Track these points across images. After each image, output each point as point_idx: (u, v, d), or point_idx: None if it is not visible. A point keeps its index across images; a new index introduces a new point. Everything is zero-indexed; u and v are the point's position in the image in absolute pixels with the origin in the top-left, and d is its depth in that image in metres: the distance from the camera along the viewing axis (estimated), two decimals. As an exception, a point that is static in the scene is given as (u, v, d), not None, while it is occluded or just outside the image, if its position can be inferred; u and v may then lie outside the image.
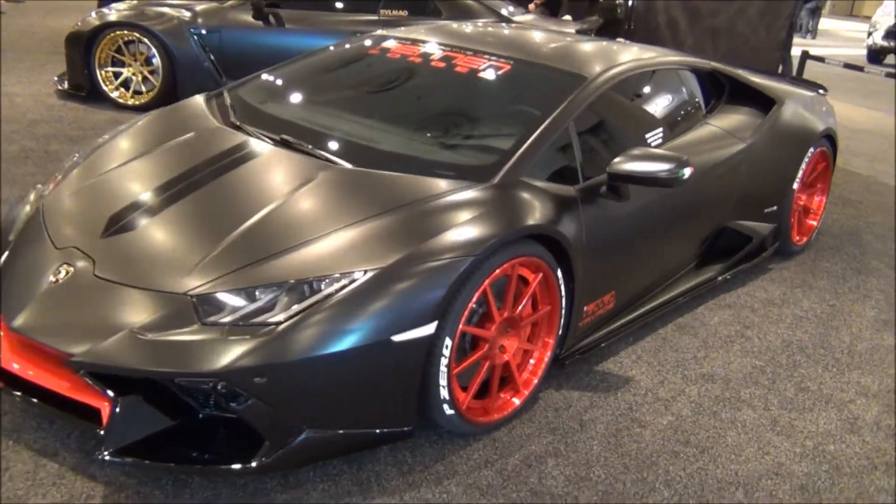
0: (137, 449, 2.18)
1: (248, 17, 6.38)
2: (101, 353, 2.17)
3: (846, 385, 3.12)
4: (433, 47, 3.40)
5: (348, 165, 2.68)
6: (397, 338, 2.21)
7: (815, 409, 2.94)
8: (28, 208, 2.89)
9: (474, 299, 2.38)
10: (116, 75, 6.54)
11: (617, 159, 2.76)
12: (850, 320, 3.70)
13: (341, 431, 2.25)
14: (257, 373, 2.08)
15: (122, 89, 6.55)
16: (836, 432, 2.80)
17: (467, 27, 4.01)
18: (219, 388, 2.10)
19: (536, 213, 2.57)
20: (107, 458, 2.14)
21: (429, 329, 2.25)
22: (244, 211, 2.49)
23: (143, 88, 6.53)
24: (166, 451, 2.20)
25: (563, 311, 2.75)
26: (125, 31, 6.39)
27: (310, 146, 2.82)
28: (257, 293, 2.22)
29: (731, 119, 3.87)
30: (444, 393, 2.38)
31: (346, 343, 2.15)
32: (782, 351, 3.35)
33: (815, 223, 4.57)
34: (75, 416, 2.25)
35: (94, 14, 6.64)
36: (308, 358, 2.12)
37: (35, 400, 2.31)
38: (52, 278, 2.40)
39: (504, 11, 6.55)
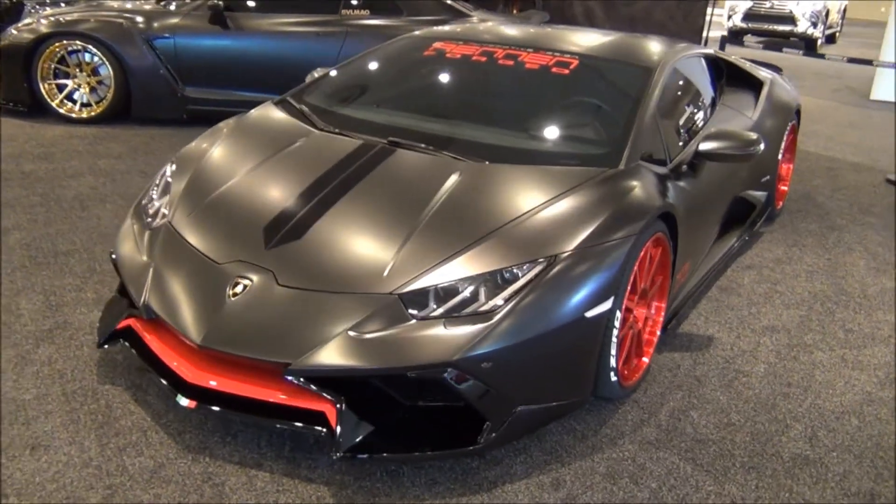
0: (364, 445, 2.27)
1: (203, 22, 6.23)
2: (320, 359, 2.24)
3: (879, 324, 3.63)
4: (491, 46, 3.59)
5: (484, 162, 2.84)
6: (588, 314, 2.42)
7: (868, 345, 3.41)
8: (136, 227, 2.84)
9: (633, 274, 2.63)
10: (60, 88, 6.20)
11: (704, 140, 3.09)
12: (849, 270, 4.26)
13: (543, 405, 2.44)
14: (484, 358, 2.24)
15: (69, 102, 6.22)
16: (892, 362, 3.28)
17: (504, 25, 4.21)
18: (445, 375, 2.24)
19: (662, 192, 2.85)
20: (340, 456, 2.22)
21: (608, 304, 2.48)
22: (408, 211, 2.61)
23: (92, 100, 6.23)
24: (391, 443, 2.30)
25: (671, 281, 3.06)
26: (68, 41, 6.07)
27: (430, 147, 2.95)
28: (459, 287, 2.36)
29: (735, 99, 4.31)
30: (612, 362, 2.62)
31: (552, 323, 2.34)
32: (814, 300, 3.83)
33: (786, 188, 5.15)
34: (295, 422, 2.30)
35: (12, 30, 6.19)
36: (523, 340, 2.30)
37: (239, 413, 2.34)
38: (229, 293, 2.42)
39: (461, 8, 6.76)
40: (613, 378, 2.66)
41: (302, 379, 2.26)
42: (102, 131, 6.06)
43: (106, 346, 2.71)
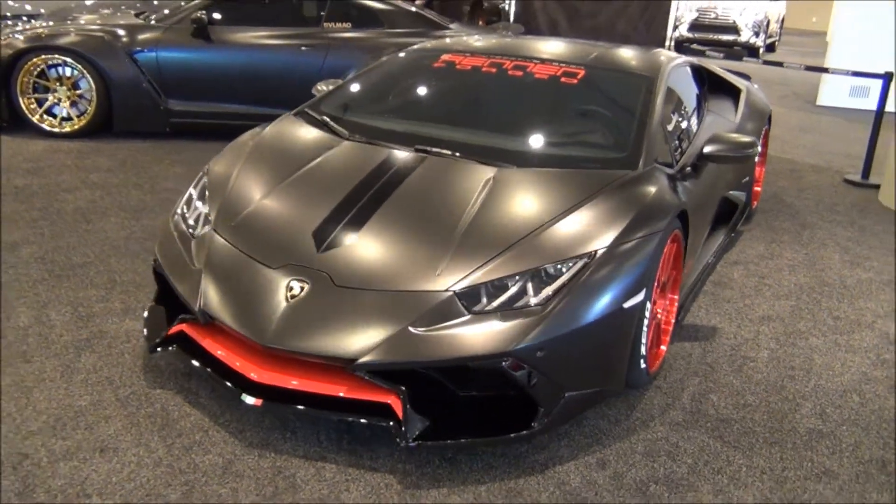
0: (428, 434, 2.41)
1: (186, 36, 6.27)
2: (385, 353, 2.38)
3: (862, 311, 3.92)
4: (498, 58, 3.77)
5: (512, 167, 3.02)
6: (626, 305, 2.61)
7: (856, 330, 3.70)
8: (178, 236, 2.93)
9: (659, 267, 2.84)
10: (39, 102, 6.15)
11: (708, 143, 3.34)
12: (826, 263, 4.56)
13: (587, 391, 2.62)
14: (539, 348, 2.41)
15: (49, 117, 6.18)
16: (881, 344, 3.56)
17: (505, 38, 4.41)
18: (503, 365, 2.40)
19: (677, 192, 3.07)
20: (410, 444, 2.36)
21: (641, 296, 2.68)
22: (449, 213, 2.77)
23: (73, 114, 6.20)
24: (452, 431, 2.45)
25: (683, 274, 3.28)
26: (47, 56, 6.03)
27: (458, 154, 3.12)
28: (508, 283, 2.52)
29: (717, 105, 4.59)
30: (643, 350, 2.81)
31: (595, 313, 2.53)
32: (801, 292, 4.11)
33: (759, 189, 5.47)
34: (359, 415, 2.43)
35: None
36: (571, 330, 2.48)
37: (305, 408, 2.46)
38: (287, 295, 2.54)
39: (440, 21, 6.95)
40: (643, 365, 2.85)
41: (367, 373, 2.39)
42: (86, 145, 6.04)
43: (157, 352, 2.79)
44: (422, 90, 3.87)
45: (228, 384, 2.54)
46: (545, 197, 2.87)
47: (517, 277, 2.53)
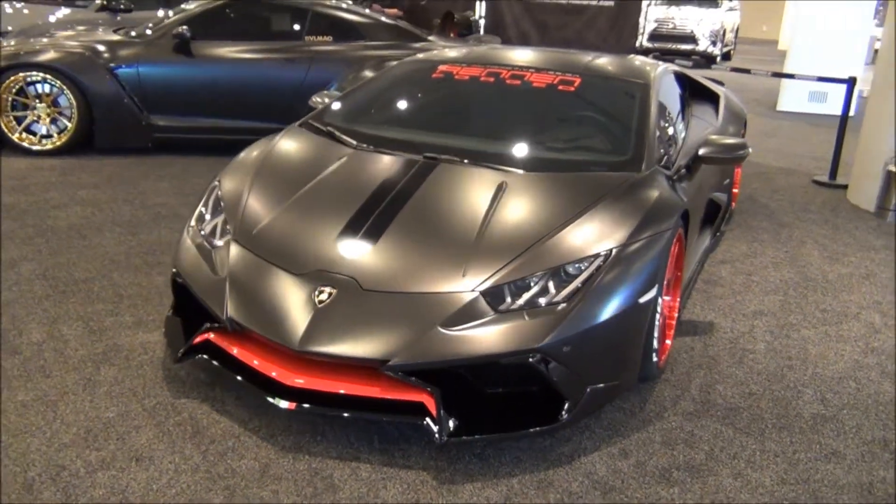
0: (461, 429, 2.48)
1: (167, 51, 6.27)
2: (417, 353, 2.45)
3: (846, 303, 4.11)
4: (495, 68, 3.88)
5: (521, 172, 3.12)
6: (641, 300, 2.73)
7: (843, 321, 3.87)
8: (197, 247, 2.96)
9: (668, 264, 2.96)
10: (18, 119, 6.09)
11: (703, 145, 3.49)
12: (807, 260, 4.76)
13: (607, 384, 2.72)
14: (565, 343, 2.51)
15: (29, 134, 6.12)
16: (868, 333, 3.74)
17: (498, 48, 4.52)
18: (531, 360, 2.49)
19: (677, 192, 3.21)
20: (446, 440, 2.43)
21: (654, 291, 2.80)
22: (468, 217, 2.86)
23: (53, 131, 6.15)
24: (484, 426, 2.53)
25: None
26: (25, 73, 5.98)
27: (467, 160, 3.21)
28: (531, 282, 2.62)
29: (699, 109, 4.77)
30: (655, 343, 2.93)
31: (615, 309, 2.64)
32: (787, 287, 4.28)
33: (737, 191, 5.66)
34: (392, 414, 2.50)
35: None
36: (594, 325, 2.58)
37: (338, 410, 2.52)
38: (316, 300, 2.60)
39: (419, 33, 7.06)
40: (654, 359, 2.97)
41: (400, 373, 2.46)
42: (69, 162, 6.00)
43: (182, 362, 2.82)
44: (424, 100, 3.96)
45: (259, 389, 2.58)
46: (557, 200, 2.98)
47: (538, 277, 2.63)
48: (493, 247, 2.72)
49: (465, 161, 3.22)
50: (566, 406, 2.58)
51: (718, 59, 16.89)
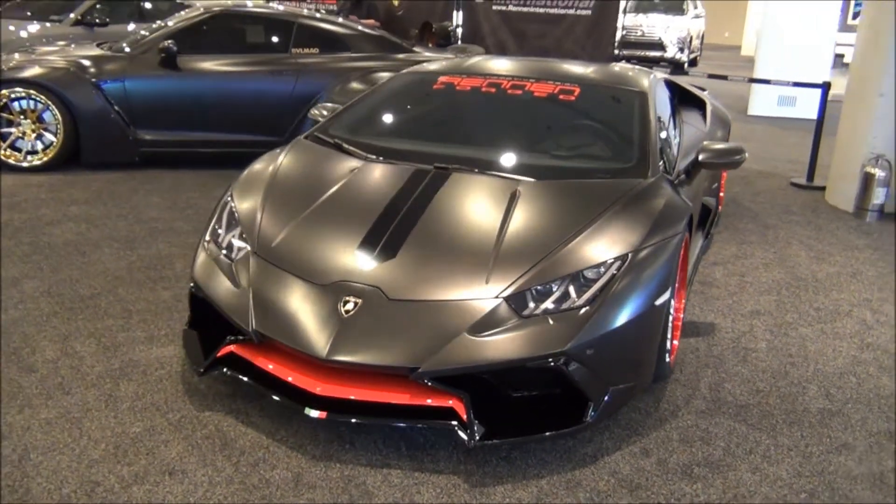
0: (489, 432, 2.54)
1: (153, 65, 6.25)
2: (446, 359, 2.51)
3: (837, 301, 4.25)
4: (495, 78, 3.96)
5: (532, 180, 3.20)
6: (657, 302, 2.81)
7: (837, 319, 4.01)
8: (216, 261, 2.98)
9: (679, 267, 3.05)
10: (3, 136, 6.02)
11: (704, 152, 3.60)
12: (796, 260, 4.90)
13: (626, 385, 2.79)
14: (589, 345, 2.58)
15: (14, 151, 6.05)
16: (862, 330, 3.88)
17: (496, 59, 4.60)
18: (560, 362, 2.55)
19: (682, 197, 3.31)
20: (479, 444, 2.49)
21: (668, 293, 2.89)
22: (486, 225, 2.93)
23: (38, 147, 6.09)
24: (512, 429, 2.58)
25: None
26: (9, 89, 5.92)
27: (477, 169, 3.28)
28: (552, 287, 2.69)
29: (687, 115, 4.89)
30: (668, 345, 3.02)
31: (633, 311, 2.72)
32: (780, 287, 4.41)
33: (723, 194, 5.81)
34: (421, 420, 2.54)
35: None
36: (615, 328, 2.66)
37: (368, 417, 2.56)
38: (342, 310, 2.64)
39: (404, 44, 7.12)
40: (668, 359, 3.06)
41: (429, 379, 2.51)
42: (56, 178, 5.94)
43: (205, 375, 2.84)
44: (428, 111, 4.02)
45: (289, 399, 2.61)
46: (570, 207, 3.06)
47: (559, 282, 2.70)
48: (513, 254, 2.79)
49: (476, 170, 3.29)
50: (590, 407, 2.65)
51: (686, 65, 17.20)
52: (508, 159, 3.47)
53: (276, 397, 2.65)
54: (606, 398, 2.69)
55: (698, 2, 19.21)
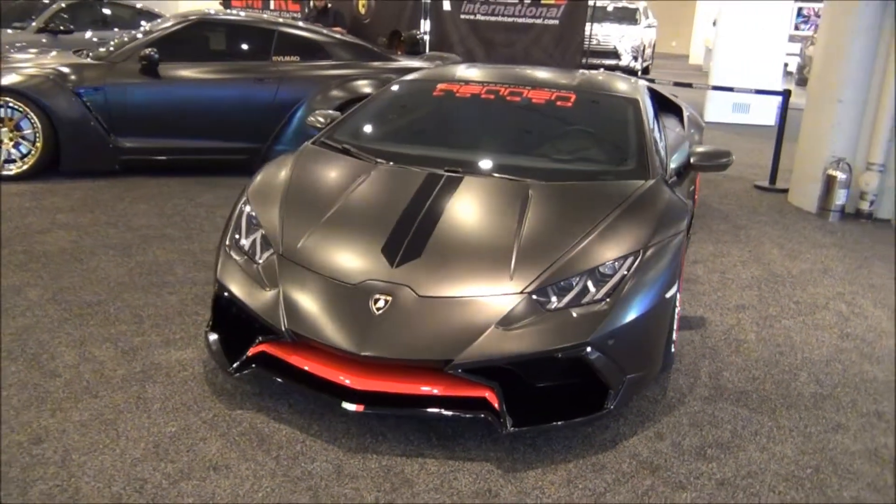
0: (519, 420, 2.68)
1: (134, 73, 6.23)
2: (479, 352, 2.64)
3: (814, 295, 4.51)
4: (493, 85, 4.12)
5: (541, 182, 3.35)
6: (667, 295, 2.99)
7: (816, 311, 4.26)
8: (241, 265, 3.06)
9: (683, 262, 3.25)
10: (-20, 147, 5.95)
11: (695, 154, 3.81)
12: (770, 258, 5.17)
13: (640, 374, 2.96)
14: (610, 336, 2.74)
15: (-9, 161, 5.98)
16: (840, 321, 4.14)
17: (488, 67, 4.75)
18: (583, 353, 2.70)
19: (680, 196, 3.51)
20: (513, 430, 2.62)
21: (676, 286, 3.08)
22: (505, 224, 3.07)
23: (16, 155, 6.02)
24: (541, 416, 2.72)
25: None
26: (-12, 99, 5.86)
27: (487, 173, 3.42)
28: (573, 282, 2.84)
29: (667, 121, 5.13)
30: (675, 335, 3.20)
31: (647, 304, 2.89)
32: (759, 283, 4.66)
33: (697, 196, 6.07)
34: (456, 410, 2.67)
35: None
36: (632, 319, 2.83)
37: (403, 409, 2.68)
38: (374, 308, 2.75)
39: (384, 52, 7.24)
40: (673, 349, 3.24)
41: (462, 371, 2.63)
42: (37, 187, 5.88)
43: (237, 374, 2.91)
44: (431, 117, 4.15)
45: (325, 394, 2.71)
46: (581, 207, 3.23)
47: (578, 278, 2.86)
48: (532, 252, 2.94)
49: (487, 173, 3.43)
50: (610, 395, 2.81)
51: (639, 72, 17.68)
52: (516, 163, 3.62)
53: (314, 393, 2.74)
54: (624, 386, 2.85)
55: (650, 12, 19.75)
